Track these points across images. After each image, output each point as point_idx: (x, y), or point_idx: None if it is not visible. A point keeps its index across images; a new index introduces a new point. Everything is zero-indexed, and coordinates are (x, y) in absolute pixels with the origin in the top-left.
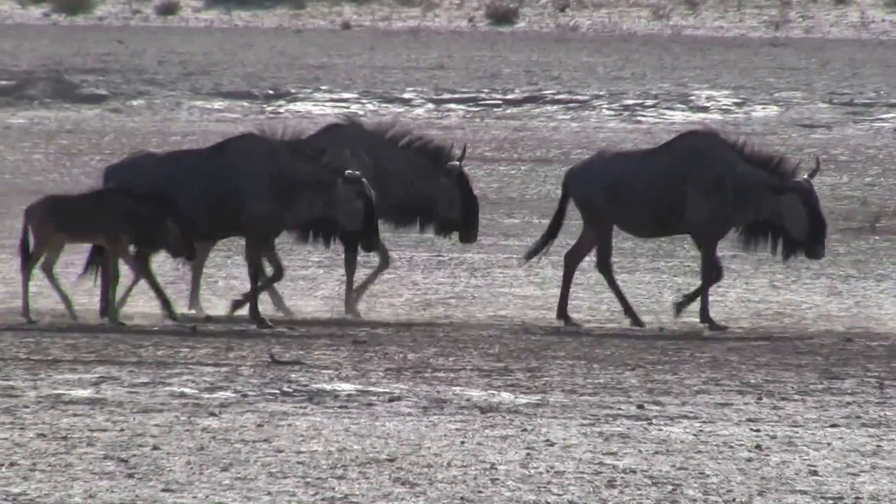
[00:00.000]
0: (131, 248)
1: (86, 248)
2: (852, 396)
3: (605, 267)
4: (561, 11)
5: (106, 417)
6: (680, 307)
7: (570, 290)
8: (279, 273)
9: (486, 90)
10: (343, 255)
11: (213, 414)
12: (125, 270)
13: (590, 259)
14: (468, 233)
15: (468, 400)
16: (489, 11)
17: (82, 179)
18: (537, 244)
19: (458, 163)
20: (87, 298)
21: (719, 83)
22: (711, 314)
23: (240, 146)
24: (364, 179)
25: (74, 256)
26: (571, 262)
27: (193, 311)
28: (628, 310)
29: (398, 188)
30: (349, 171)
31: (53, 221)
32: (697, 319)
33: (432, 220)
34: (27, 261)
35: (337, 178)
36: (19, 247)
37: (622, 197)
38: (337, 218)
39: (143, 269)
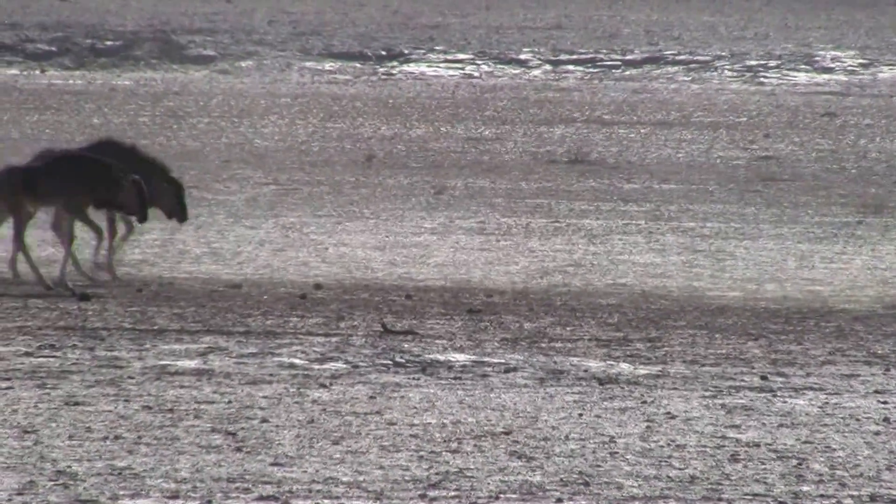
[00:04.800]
0: None
1: None
2: None
3: None
4: None
5: (213, 389)
6: None
7: None
8: None
9: (604, 51)
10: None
11: (323, 385)
12: None
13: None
14: None
15: (586, 371)
16: None
17: (189, 143)
18: None
19: None
20: None
21: (844, 43)
22: (834, 279)
23: None
24: None
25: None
26: None
27: None
28: None
29: None
30: None
31: None
32: (822, 288)
33: None
34: None
35: None
36: None
37: None
38: None
39: None
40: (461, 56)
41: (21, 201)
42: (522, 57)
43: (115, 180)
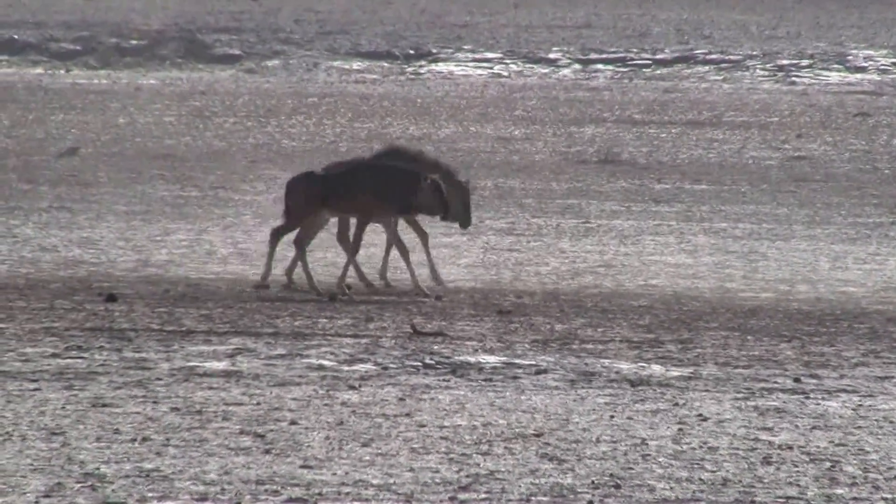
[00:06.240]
0: None
1: None
2: None
3: None
4: None
5: (242, 391)
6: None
7: None
8: None
9: (634, 50)
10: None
11: (352, 387)
12: None
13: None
14: None
15: (617, 373)
16: None
17: (215, 143)
18: None
19: None
20: None
21: (877, 42)
22: (867, 280)
23: None
24: None
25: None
26: None
27: None
28: None
29: None
30: None
31: None
32: (855, 289)
33: None
34: None
35: None
36: None
37: None
38: None
39: None
40: (490, 55)
41: (317, 209)
42: (552, 56)
43: (414, 185)
